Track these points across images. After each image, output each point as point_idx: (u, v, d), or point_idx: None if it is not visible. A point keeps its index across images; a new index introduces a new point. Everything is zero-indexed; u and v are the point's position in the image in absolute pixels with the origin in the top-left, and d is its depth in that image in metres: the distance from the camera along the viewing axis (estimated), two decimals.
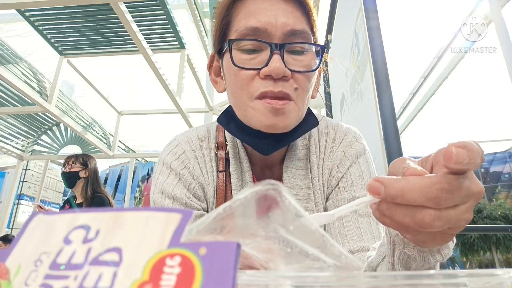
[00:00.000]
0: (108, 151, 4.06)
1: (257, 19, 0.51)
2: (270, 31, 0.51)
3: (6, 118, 3.59)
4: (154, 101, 4.40)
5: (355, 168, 0.59)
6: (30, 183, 7.60)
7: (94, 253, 0.16)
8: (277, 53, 0.50)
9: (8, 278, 0.17)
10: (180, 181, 0.57)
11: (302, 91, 0.53)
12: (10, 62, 2.69)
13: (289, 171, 0.60)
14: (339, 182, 0.59)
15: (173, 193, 0.56)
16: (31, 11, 2.53)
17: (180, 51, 2.91)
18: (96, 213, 0.18)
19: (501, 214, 12.58)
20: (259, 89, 0.51)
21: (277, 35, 0.51)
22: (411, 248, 0.35)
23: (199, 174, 0.59)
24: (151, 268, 0.15)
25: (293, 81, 0.51)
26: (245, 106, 0.53)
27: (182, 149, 0.60)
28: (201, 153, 0.60)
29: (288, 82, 0.51)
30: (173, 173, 0.57)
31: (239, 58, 0.52)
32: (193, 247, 0.15)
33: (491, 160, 21.29)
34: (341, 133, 0.63)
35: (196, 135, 0.62)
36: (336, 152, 0.62)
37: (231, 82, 0.54)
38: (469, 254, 13.10)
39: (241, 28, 0.52)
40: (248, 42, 0.51)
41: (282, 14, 0.52)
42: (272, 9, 0.52)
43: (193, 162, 0.59)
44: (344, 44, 1.89)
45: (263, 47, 0.51)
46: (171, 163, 0.58)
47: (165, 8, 2.48)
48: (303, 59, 0.52)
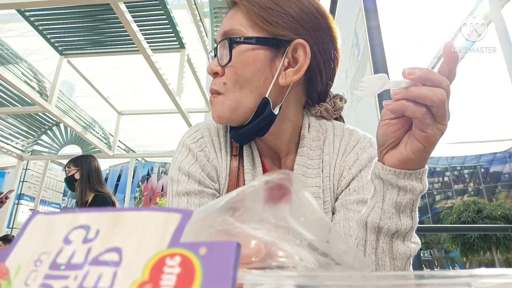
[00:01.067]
0: (108, 151, 4.06)
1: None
2: (216, 38, 0.61)
3: (6, 118, 3.59)
4: (154, 101, 4.40)
5: (367, 171, 0.61)
6: (30, 183, 7.61)
7: (94, 253, 0.16)
8: (214, 54, 0.60)
9: (8, 278, 0.17)
10: (196, 161, 0.62)
11: (231, 83, 0.58)
12: (10, 62, 2.69)
13: (300, 168, 0.63)
14: (350, 183, 0.62)
15: (189, 171, 0.61)
16: (31, 11, 2.53)
17: (180, 51, 2.91)
18: (96, 213, 0.18)
19: (501, 214, 12.56)
20: None
21: (218, 40, 0.60)
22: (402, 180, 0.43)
23: (213, 158, 0.64)
24: (151, 268, 0.15)
25: (224, 77, 0.59)
26: None
27: (201, 134, 0.66)
28: (218, 140, 0.66)
29: (221, 78, 0.59)
30: (191, 154, 0.63)
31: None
32: (193, 247, 0.15)
33: (491, 160, 21.27)
34: (356, 137, 0.66)
35: (215, 124, 0.68)
36: (349, 155, 0.64)
37: None
38: (469, 254, 13.07)
39: None
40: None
41: (226, 20, 0.61)
42: (224, 20, 0.61)
43: (209, 146, 0.65)
44: (344, 44, 1.89)
45: None
46: (190, 145, 0.64)
47: (165, 8, 2.48)
48: (227, 54, 0.58)
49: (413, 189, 0.43)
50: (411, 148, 0.41)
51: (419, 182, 0.43)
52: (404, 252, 0.45)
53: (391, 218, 0.44)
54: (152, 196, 24.56)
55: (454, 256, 17.80)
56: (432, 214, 21.36)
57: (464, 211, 14.08)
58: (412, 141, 0.41)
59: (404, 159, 0.42)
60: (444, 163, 22.26)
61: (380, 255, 0.45)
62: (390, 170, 0.44)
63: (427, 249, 19.00)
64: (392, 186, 0.44)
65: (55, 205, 8.28)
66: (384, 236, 0.45)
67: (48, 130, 4.09)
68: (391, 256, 0.45)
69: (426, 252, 19.18)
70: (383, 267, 0.45)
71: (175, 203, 0.59)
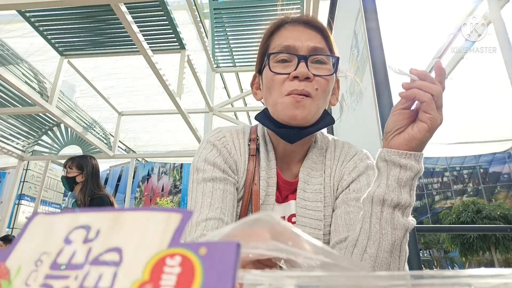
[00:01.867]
0: (109, 152, 4.06)
1: (288, 40, 0.69)
2: (298, 47, 0.68)
3: (7, 119, 3.59)
4: (154, 101, 4.40)
5: (365, 177, 0.71)
6: (30, 183, 7.61)
7: (94, 253, 0.16)
8: (303, 61, 0.66)
9: (8, 278, 0.17)
10: (220, 155, 0.70)
11: (321, 91, 0.67)
12: (10, 63, 2.69)
13: (305, 170, 0.73)
14: (350, 185, 0.71)
15: (215, 161, 0.68)
16: (32, 12, 2.53)
17: (180, 51, 2.91)
18: (97, 213, 0.18)
19: (500, 214, 12.55)
20: (287, 89, 0.66)
21: (303, 51, 0.67)
22: (404, 159, 0.53)
23: (234, 154, 0.72)
24: (151, 268, 0.15)
25: (315, 83, 0.66)
26: (276, 103, 0.67)
27: (223, 134, 0.74)
28: (238, 141, 0.74)
29: (311, 83, 0.66)
30: (215, 148, 0.71)
31: (274, 67, 0.69)
32: (193, 247, 0.15)
33: (490, 160, 21.25)
34: (354, 150, 0.77)
35: (235, 128, 0.77)
36: (348, 163, 0.74)
37: (268, 86, 0.70)
38: (468, 254, 13.06)
39: (277, 46, 0.69)
40: (282, 54, 0.68)
41: (307, 36, 0.69)
42: (300, 34, 0.70)
43: (230, 145, 0.73)
44: (343, 45, 1.89)
45: (292, 59, 0.68)
46: (214, 142, 0.72)
47: (166, 9, 2.48)
48: (323, 67, 0.68)
49: (412, 167, 0.53)
50: (417, 128, 0.52)
51: (417, 163, 0.54)
52: (403, 224, 0.54)
53: (393, 191, 0.53)
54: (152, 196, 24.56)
55: (453, 256, 17.77)
56: (431, 214, 21.35)
57: (463, 211, 14.06)
58: (418, 124, 0.52)
59: (410, 138, 0.53)
60: (444, 164, 22.26)
61: (384, 224, 0.54)
62: (394, 151, 0.54)
63: (426, 249, 18.98)
64: (394, 164, 0.54)
65: (55, 206, 8.27)
66: (388, 208, 0.54)
67: (49, 131, 4.09)
68: (392, 226, 0.53)
69: (426, 252, 19.16)
70: (385, 236, 0.53)
71: (199, 189, 0.65)
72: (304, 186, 0.71)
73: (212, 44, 3.23)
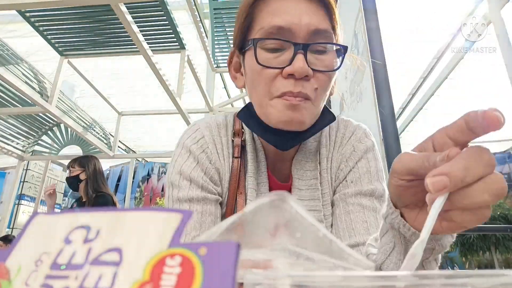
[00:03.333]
0: (109, 152, 4.06)
1: (282, 18, 0.52)
2: (295, 30, 0.51)
3: (7, 119, 3.59)
4: (154, 101, 4.40)
5: (363, 163, 0.61)
6: (30, 183, 7.60)
7: (94, 253, 0.16)
8: (301, 52, 0.50)
9: (8, 278, 0.17)
10: (198, 164, 0.59)
11: (321, 91, 0.54)
12: (10, 63, 2.69)
13: (298, 164, 0.62)
14: (347, 176, 0.61)
15: (191, 175, 0.57)
16: (32, 12, 2.53)
17: (180, 52, 2.91)
18: (97, 213, 0.18)
19: (501, 215, 12.56)
20: (279, 89, 0.52)
21: (301, 35, 0.51)
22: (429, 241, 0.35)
23: (216, 159, 0.61)
24: (151, 268, 0.15)
25: (314, 81, 0.52)
26: (264, 104, 0.54)
27: (201, 134, 0.62)
28: (219, 139, 0.62)
29: (309, 82, 0.52)
30: (191, 156, 0.59)
31: (263, 56, 0.52)
32: (193, 247, 0.15)
33: None
34: (351, 128, 0.65)
35: (215, 121, 0.64)
36: (345, 146, 0.63)
37: (253, 80, 0.55)
38: (468, 254, 13.07)
39: (266, 26, 0.52)
40: (273, 41, 0.52)
41: (306, 13, 0.52)
42: (296, 8, 0.52)
43: (211, 147, 0.61)
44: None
45: (287, 46, 0.52)
46: (190, 147, 0.60)
47: (166, 9, 2.48)
48: (325, 58, 0.53)
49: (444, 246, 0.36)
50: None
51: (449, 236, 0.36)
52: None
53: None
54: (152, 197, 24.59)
55: (453, 256, 17.78)
56: None
57: None
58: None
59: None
60: None
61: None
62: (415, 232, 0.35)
63: None
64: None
65: (55, 206, 8.27)
66: None
67: (49, 131, 4.09)
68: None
69: None
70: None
71: None
72: (299, 184, 0.61)
73: (212, 44, 3.23)
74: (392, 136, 1.14)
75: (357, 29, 1.56)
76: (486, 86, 4.06)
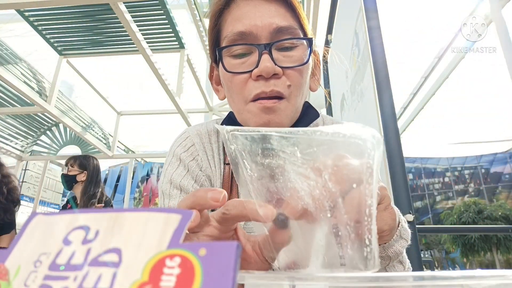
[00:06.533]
0: (108, 152, 4.06)
1: (242, 23, 0.52)
2: (256, 33, 0.52)
3: (5, 119, 3.59)
4: (153, 101, 4.40)
5: None
6: (29, 183, 7.59)
7: (93, 254, 0.16)
8: (266, 52, 0.51)
9: (7, 278, 0.16)
10: (188, 172, 0.58)
11: (295, 87, 0.53)
12: (9, 63, 2.69)
13: None
14: None
15: (181, 184, 0.57)
16: (31, 11, 2.53)
17: (180, 51, 2.91)
18: (96, 214, 0.18)
19: (502, 215, 12.56)
20: (252, 91, 0.52)
21: (263, 36, 0.52)
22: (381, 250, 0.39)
23: (206, 166, 0.60)
24: (150, 269, 0.15)
25: (285, 78, 0.52)
26: (242, 110, 0.54)
27: (191, 142, 0.62)
28: (210, 146, 0.62)
29: (280, 80, 0.51)
30: (182, 164, 0.59)
31: (230, 64, 0.53)
32: (192, 248, 0.15)
33: (491, 160, 21.26)
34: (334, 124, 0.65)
35: (205, 128, 0.64)
36: None
37: (228, 88, 0.55)
38: (469, 254, 13.08)
39: (229, 34, 0.53)
40: (237, 47, 0.53)
41: (266, 14, 0.53)
42: (255, 11, 0.53)
43: (201, 154, 0.61)
44: (344, 44, 1.89)
45: (252, 50, 0.52)
46: (181, 155, 0.60)
47: (165, 8, 2.48)
48: (293, 54, 0.53)
49: (398, 253, 0.40)
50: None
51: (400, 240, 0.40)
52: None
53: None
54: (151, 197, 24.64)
55: (454, 257, 17.79)
56: (432, 215, 21.36)
57: (465, 211, 14.07)
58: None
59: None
60: (445, 164, 22.26)
61: None
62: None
63: (427, 250, 19.00)
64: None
65: (54, 206, 8.27)
66: None
67: (47, 131, 4.09)
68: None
69: (427, 253, 19.17)
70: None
71: None
72: None
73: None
74: (393, 136, 1.14)
75: (358, 28, 1.56)
76: (486, 86, 4.06)
